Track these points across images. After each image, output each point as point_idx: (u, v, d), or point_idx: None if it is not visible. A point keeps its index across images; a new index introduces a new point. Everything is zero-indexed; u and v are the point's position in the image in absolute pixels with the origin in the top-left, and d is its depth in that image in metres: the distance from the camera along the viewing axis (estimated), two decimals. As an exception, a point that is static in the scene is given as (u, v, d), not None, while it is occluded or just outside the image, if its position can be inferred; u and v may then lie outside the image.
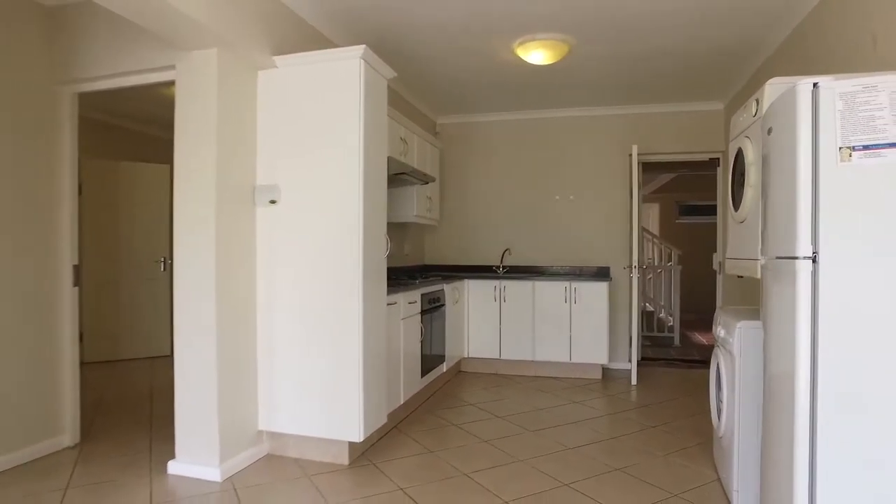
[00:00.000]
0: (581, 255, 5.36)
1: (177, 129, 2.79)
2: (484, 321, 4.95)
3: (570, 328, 4.74)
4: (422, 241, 5.69)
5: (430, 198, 4.92)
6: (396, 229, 4.92)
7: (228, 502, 2.45)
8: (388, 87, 4.44)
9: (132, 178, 5.56)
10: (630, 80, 4.45)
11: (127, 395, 4.25)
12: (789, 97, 1.52)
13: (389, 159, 3.88)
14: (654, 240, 7.67)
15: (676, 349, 6.19)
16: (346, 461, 2.89)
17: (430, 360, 4.06)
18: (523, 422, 3.60)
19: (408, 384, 3.60)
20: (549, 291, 4.79)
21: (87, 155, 5.37)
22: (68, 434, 3.12)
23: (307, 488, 2.60)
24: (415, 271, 5.28)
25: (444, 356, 4.40)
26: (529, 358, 4.84)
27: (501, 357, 4.91)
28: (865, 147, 1.43)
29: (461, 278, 4.95)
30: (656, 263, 7.55)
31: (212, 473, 2.67)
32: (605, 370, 5.07)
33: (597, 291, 4.70)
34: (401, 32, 3.60)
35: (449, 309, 4.52)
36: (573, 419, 3.66)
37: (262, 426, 2.99)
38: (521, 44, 3.65)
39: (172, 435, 2.79)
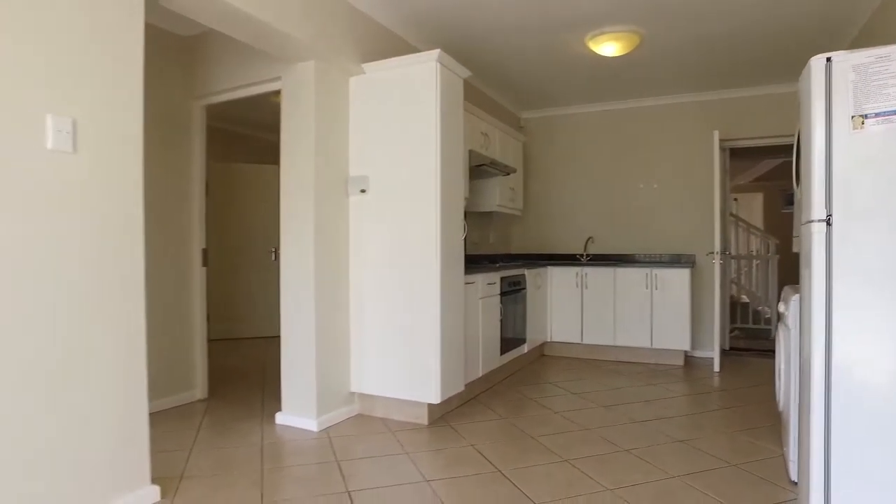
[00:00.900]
0: (665, 242, 5.36)
1: (283, 131, 3.27)
2: (566, 307, 5.12)
3: (650, 314, 4.79)
4: (508, 231, 5.95)
5: (512, 188, 5.16)
6: (481, 218, 5.23)
7: (322, 446, 2.87)
8: (471, 85, 4.76)
9: (250, 178, 6.30)
10: (709, 64, 4.42)
11: (244, 365, 4.90)
12: (806, 72, 1.64)
13: (470, 152, 4.20)
14: (752, 230, 7.37)
15: (773, 341, 5.95)
16: (425, 421, 3.24)
17: (510, 340, 4.31)
18: (597, 398, 3.76)
19: (486, 359, 3.88)
20: (629, 278, 4.87)
21: (212, 159, 6.17)
22: (199, 389, 3.74)
23: (388, 440, 2.97)
24: (499, 259, 5.54)
25: (524, 338, 4.63)
26: (610, 343, 4.94)
27: (583, 342, 5.05)
28: (878, 114, 1.51)
29: (544, 265, 5.15)
30: (755, 253, 7.25)
31: (310, 424, 3.13)
32: (689, 357, 5.05)
33: (678, 278, 4.71)
34: (477, 34, 3.89)
35: (530, 293, 4.74)
36: (646, 398, 3.76)
37: (353, 388, 3.41)
38: (592, 37, 3.81)
39: (280, 394, 3.28)
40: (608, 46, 3.83)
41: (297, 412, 3.19)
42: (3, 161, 1.80)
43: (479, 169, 4.40)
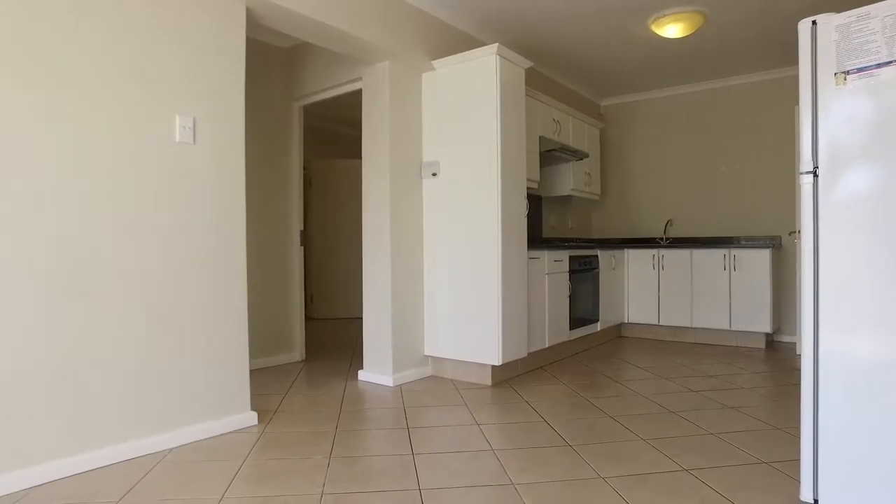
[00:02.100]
0: (747, 224, 5.25)
1: (363, 124, 3.74)
2: (642, 288, 5.19)
3: (728, 296, 4.75)
4: (587, 216, 6.09)
5: (588, 173, 5.32)
6: (558, 203, 5.44)
7: (394, 396, 3.29)
8: (542, 74, 5.00)
9: (347, 171, 6.93)
10: (781, 40, 4.32)
11: (340, 338, 5.49)
12: (797, 36, 1.77)
13: (541, 138, 4.46)
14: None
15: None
16: (489, 382, 3.56)
17: (580, 317, 4.51)
18: (661, 372, 3.86)
19: (553, 332, 4.12)
20: (706, 259, 4.85)
21: (314, 156, 6.89)
22: (297, 352, 4.33)
23: (452, 394, 3.33)
24: (574, 241, 5.71)
25: (597, 316, 4.79)
26: (687, 324, 4.95)
27: (660, 323, 5.10)
28: (859, 70, 1.62)
29: (621, 247, 5.26)
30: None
31: (386, 380, 3.57)
32: (772, 341, 4.93)
33: (758, 259, 4.63)
34: (540, 25, 4.13)
35: (604, 274, 4.89)
36: (711, 374, 3.81)
37: (427, 351, 3.81)
38: (654, 20, 3.92)
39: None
40: (671, 28, 3.91)
41: (376, 370, 3.65)
42: (147, 150, 2.38)
43: (551, 154, 4.64)
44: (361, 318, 7.15)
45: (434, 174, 3.77)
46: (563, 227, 5.57)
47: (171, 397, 2.48)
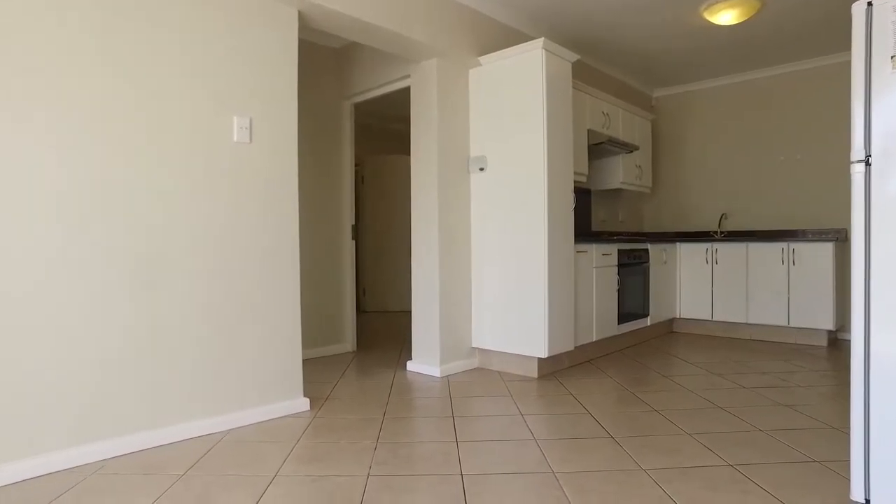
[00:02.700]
0: (808, 216, 5.04)
1: (412, 121, 3.83)
2: (695, 283, 5.07)
3: (787, 291, 4.58)
4: (638, 210, 5.99)
5: (639, 166, 5.24)
6: (607, 196, 5.38)
7: (441, 386, 3.38)
8: (590, 67, 4.96)
9: (398, 167, 7.06)
10: (843, 23, 4.12)
11: (390, 330, 5.62)
12: (852, 19, 1.72)
13: (589, 131, 4.43)
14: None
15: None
16: (535, 375, 3.59)
17: (629, 311, 4.46)
18: (712, 368, 3.79)
19: (601, 326, 4.10)
20: (763, 253, 4.69)
21: (366, 152, 7.05)
22: (349, 343, 4.48)
23: (498, 385, 3.38)
24: (623, 235, 5.63)
25: (647, 311, 4.73)
26: (743, 320, 4.81)
27: (713, 318, 4.97)
28: (916, 53, 1.57)
29: (672, 241, 5.15)
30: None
31: (434, 371, 3.65)
32: (835, 339, 4.72)
33: (819, 253, 4.45)
34: (589, 17, 4.10)
35: (654, 268, 4.81)
36: (766, 370, 3.70)
37: (474, 343, 3.87)
38: (707, 7, 3.82)
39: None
40: (725, 14, 3.81)
41: (424, 361, 3.74)
42: (209, 149, 2.55)
43: (600, 147, 4.60)
44: (411, 311, 7.32)
45: (481, 169, 3.82)
46: (612, 221, 5.51)
47: (232, 382, 2.64)
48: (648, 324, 4.76)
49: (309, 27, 3.12)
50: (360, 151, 6.97)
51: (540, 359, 3.58)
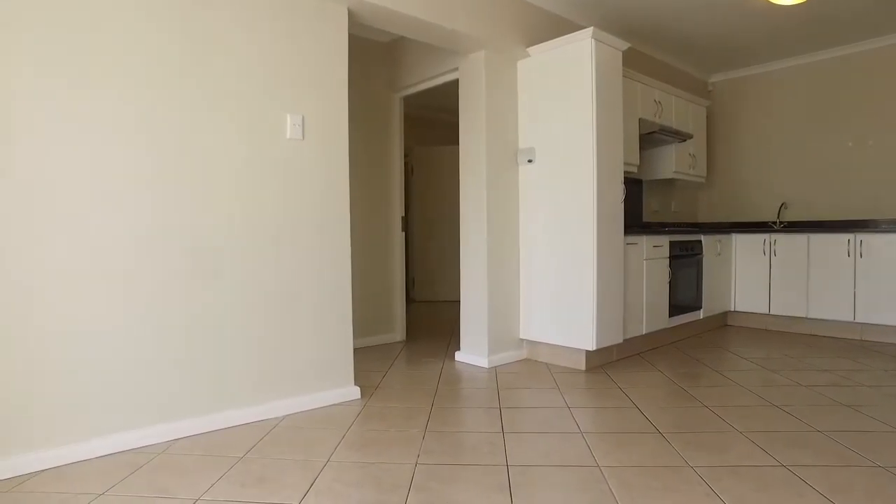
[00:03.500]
0: (879, 206, 4.77)
1: (460, 113, 3.85)
2: (751, 275, 4.91)
3: (853, 285, 4.37)
4: (693, 200, 5.82)
5: (693, 155, 5.09)
6: (660, 186, 5.26)
7: (488, 377, 3.42)
8: (642, 54, 4.85)
9: (447, 157, 7.09)
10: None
11: (440, 319, 5.70)
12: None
13: (640, 120, 4.34)
14: None
15: None
16: (582, 367, 3.58)
17: (681, 304, 4.37)
18: (768, 364, 3.67)
19: (652, 319, 4.04)
20: (826, 244, 4.49)
21: (415, 143, 7.11)
22: (398, 333, 4.58)
23: (545, 377, 3.40)
24: (676, 226, 5.49)
25: (700, 303, 4.62)
26: (802, 315, 4.63)
27: (770, 312, 4.80)
28: None
29: (728, 232, 4.99)
30: None
31: (482, 361, 3.69)
32: (907, 335, 4.48)
33: (892, 245, 4.22)
34: (642, 2, 3.99)
35: (708, 260, 4.69)
36: (827, 368, 3.56)
37: (522, 335, 3.88)
38: (767, -10, 3.66)
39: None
40: (787, -4, 3.63)
41: (473, 352, 3.78)
42: (263, 146, 2.65)
43: (652, 136, 4.49)
44: (460, 301, 7.39)
45: (530, 161, 3.81)
46: (665, 212, 5.39)
47: (287, 371, 2.76)
48: (701, 317, 4.65)
49: (358, 24, 3.18)
50: (409, 142, 7.03)
51: (588, 351, 3.56)
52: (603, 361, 3.71)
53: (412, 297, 7.10)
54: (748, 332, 4.81)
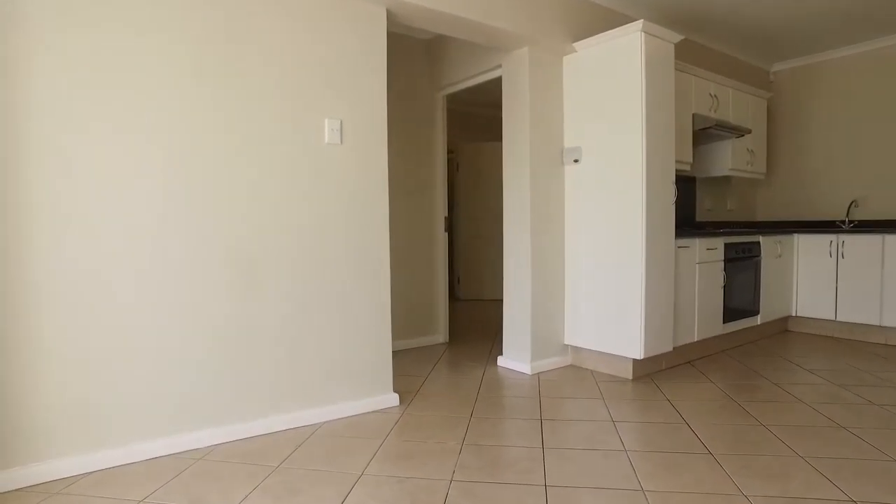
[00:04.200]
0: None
1: (503, 111, 3.75)
2: (815, 278, 4.60)
3: (931, 290, 4.03)
4: (750, 198, 5.51)
5: (751, 150, 4.80)
6: (714, 184, 5.00)
7: (530, 385, 3.32)
8: (697, 45, 4.62)
9: (493, 154, 6.98)
10: None
11: (485, 320, 5.62)
12: None
13: (694, 115, 4.13)
14: None
15: None
16: (629, 376, 3.43)
17: (736, 309, 4.14)
18: (834, 377, 3.42)
19: (704, 325, 3.84)
20: (901, 247, 4.16)
21: (461, 139, 7.03)
22: (441, 335, 4.53)
23: (589, 386, 3.27)
24: (732, 226, 5.21)
25: (757, 309, 4.36)
26: (875, 322, 4.30)
27: (837, 318, 4.49)
28: None
29: (790, 233, 4.70)
30: None
31: (524, 367, 3.60)
32: None
33: (974, 247, 3.86)
34: (698, -8, 3.78)
35: (767, 262, 4.42)
36: (901, 382, 3.29)
37: (567, 340, 3.76)
38: (836, -27, 3.39)
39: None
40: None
41: (515, 357, 3.69)
42: (301, 152, 2.64)
43: (706, 132, 4.26)
44: (503, 304, 7.29)
45: (576, 160, 3.67)
46: (720, 210, 5.12)
47: (324, 377, 2.75)
48: (758, 322, 4.39)
49: (396, 23, 3.12)
50: (455, 139, 6.96)
51: (635, 360, 3.41)
52: (651, 370, 3.55)
53: (457, 296, 7.05)
54: (811, 340, 4.52)
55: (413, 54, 4.36)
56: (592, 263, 3.58)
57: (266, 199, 2.56)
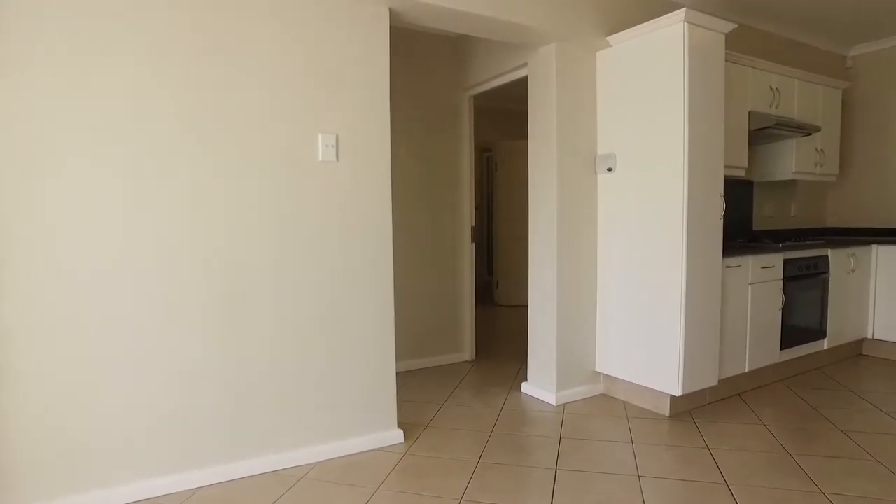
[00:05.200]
0: None
1: (529, 115, 3.40)
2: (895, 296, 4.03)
3: None
4: (819, 202, 4.91)
5: (820, 150, 4.23)
6: (775, 188, 4.47)
7: (552, 420, 3.00)
8: (755, 31, 4.10)
9: (533, 153, 6.60)
10: None
11: (518, 328, 5.29)
12: None
13: (750, 114, 3.66)
14: None
15: None
16: (666, 412, 3.06)
17: (797, 333, 3.65)
18: (913, 421, 2.93)
19: (756, 353, 3.39)
20: None
21: (499, 137, 6.68)
22: (467, 352, 4.25)
23: (619, 425, 2.92)
24: (801, 234, 4.65)
25: (823, 331, 3.85)
26: (967, 349, 3.71)
27: (921, 343, 3.92)
28: None
29: (866, 243, 4.13)
30: None
31: (549, 397, 3.28)
32: None
33: None
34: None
35: (836, 278, 3.89)
36: None
37: (598, 367, 3.41)
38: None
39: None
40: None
41: (540, 384, 3.38)
42: (292, 173, 2.41)
43: (764, 132, 3.76)
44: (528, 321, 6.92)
45: (609, 169, 3.29)
46: (782, 217, 4.57)
47: (317, 411, 2.53)
48: (825, 347, 3.88)
49: (401, 23, 2.84)
50: (492, 136, 6.63)
51: (673, 395, 3.03)
52: (692, 405, 3.15)
53: (495, 302, 6.74)
54: (889, 367, 3.95)
55: (438, 53, 4.06)
56: (626, 284, 3.21)
57: (253, 225, 2.35)
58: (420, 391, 3.50)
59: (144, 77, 2.12)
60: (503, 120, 6.85)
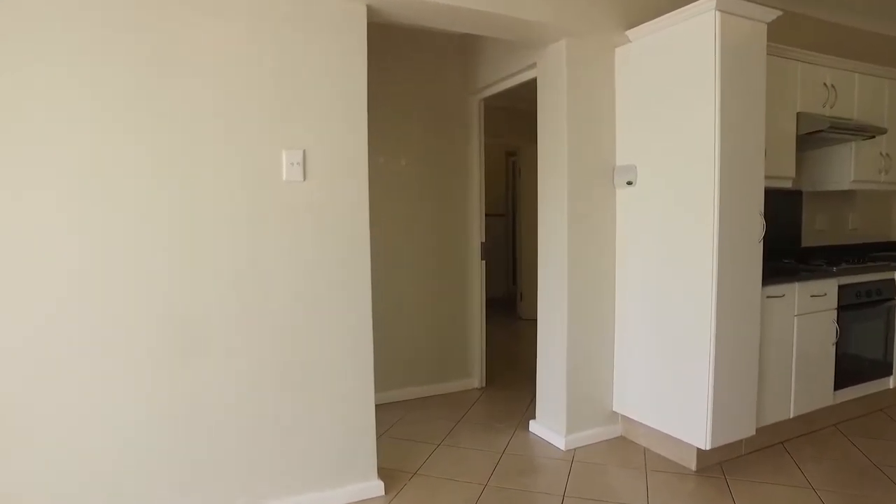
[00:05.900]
0: None
1: (538, 121, 3.03)
2: (976, 326, 3.45)
3: None
4: (885, 213, 4.32)
5: (885, 154, 3.67)
6: (830, 198, 3.93)
7: (559, 472, 2.62)
8: (807, 18, 3.61)
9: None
10: None
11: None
12: None
13: (799, 115, 3.18)
14: None
15: None
16: (692, 466, 2.63)
17: (854, 371, 3.15)
18: None
19: (803, 396, 2.91)
20: None
21: (524, 140, 6.26)
22: (476, 378, 3.90)
23: (635, 480, 2.52)
24: (861, 251, 4.08)
25: (888, 367, 3.32)
26: None
27: None
28: None
29: (940, 263, 3.56)
30: None
31: (557, 440, 2.90)
32: None
33: None
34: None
35: (903, 305, 3.35)
36: None
37: (616, 408, 3.01)
38: None
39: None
40: None
41: (548, 425, 3.01)
42: (252, 196, 2.13)
43: (816, 136, 3.25)
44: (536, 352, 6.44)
45: (629, 183, 2.88)
46: (838, 231, 4.02)
47: (285, 462, 2.24)
48: (891, 385, 3.34)
49: (383, 20, 2.51)
50: (516, 139, 6.23)
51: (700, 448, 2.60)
52: (724, 457, 2.71)
53: (518, 315, 6.34)
54: (966, 408, 3.39)
55: (445, 53, 3.71)
56: (644, 316, 2.80)
57: (208, 257, 2.06)
58: (416, 427, 3.18)
59: (62, 78, 1.86)
60: (528, 121, 6.43)
